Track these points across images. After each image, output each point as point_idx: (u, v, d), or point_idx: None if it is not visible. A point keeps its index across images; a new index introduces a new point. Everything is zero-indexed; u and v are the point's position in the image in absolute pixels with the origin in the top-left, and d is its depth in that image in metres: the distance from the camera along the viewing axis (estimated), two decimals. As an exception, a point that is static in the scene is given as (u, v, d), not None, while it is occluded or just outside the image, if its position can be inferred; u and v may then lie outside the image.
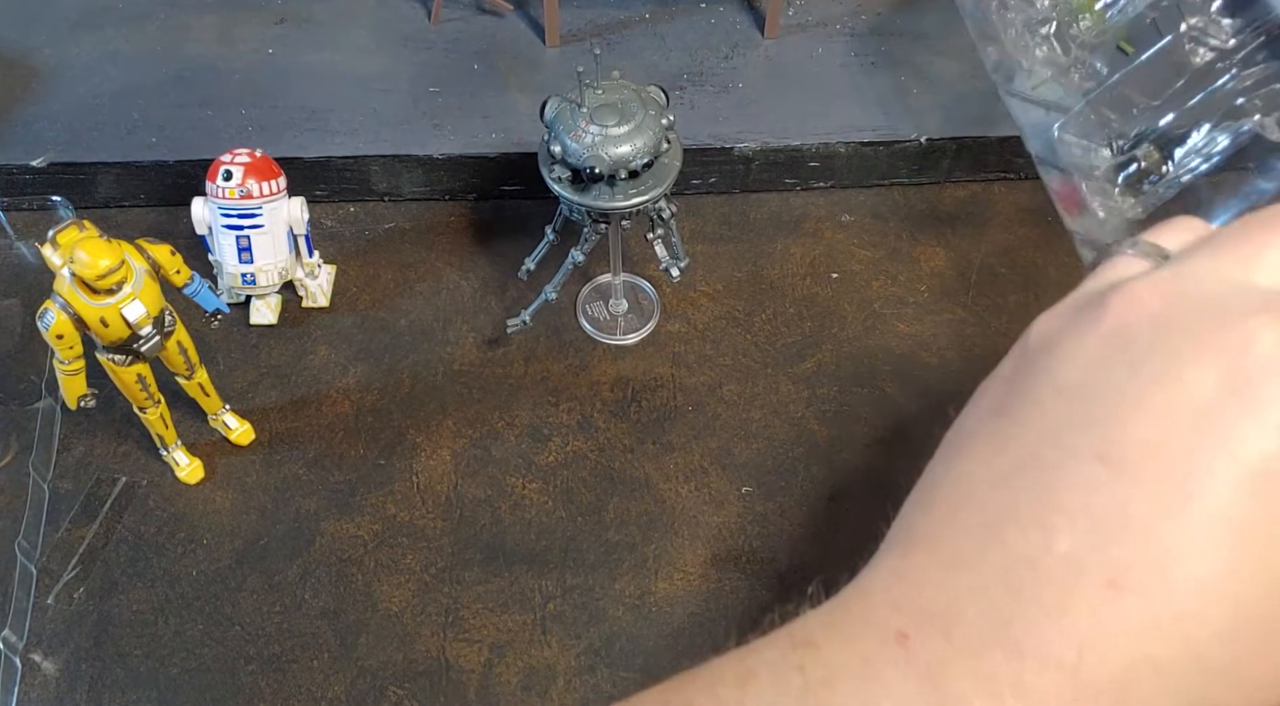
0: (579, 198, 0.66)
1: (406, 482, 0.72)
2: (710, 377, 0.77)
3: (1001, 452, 0.24)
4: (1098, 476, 0.22)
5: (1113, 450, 0.22)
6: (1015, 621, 0.21)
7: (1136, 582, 0.21)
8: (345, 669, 0.65)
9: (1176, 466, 0.21)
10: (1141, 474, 0.21)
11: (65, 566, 0.68)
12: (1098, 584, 0.21)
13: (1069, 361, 0.24)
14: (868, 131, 0.85)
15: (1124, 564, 0.21)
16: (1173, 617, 0.21)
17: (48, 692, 0.64)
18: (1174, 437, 0.21)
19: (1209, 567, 0.21)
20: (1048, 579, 0.21)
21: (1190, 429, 0.21)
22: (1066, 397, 0.23)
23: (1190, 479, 0.21)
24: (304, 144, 0.84)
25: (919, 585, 0.23)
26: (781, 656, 0.23)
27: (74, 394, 0.64)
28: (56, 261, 0.60)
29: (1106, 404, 0.23)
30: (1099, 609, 0.21)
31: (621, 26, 0.93)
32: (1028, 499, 0.22)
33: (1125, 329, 0.24)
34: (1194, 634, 0.21)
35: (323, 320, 0.80)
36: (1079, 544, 0.21)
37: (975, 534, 0.23)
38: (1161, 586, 0.21)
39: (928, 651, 0.21)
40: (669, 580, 0.68)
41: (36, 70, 0.89)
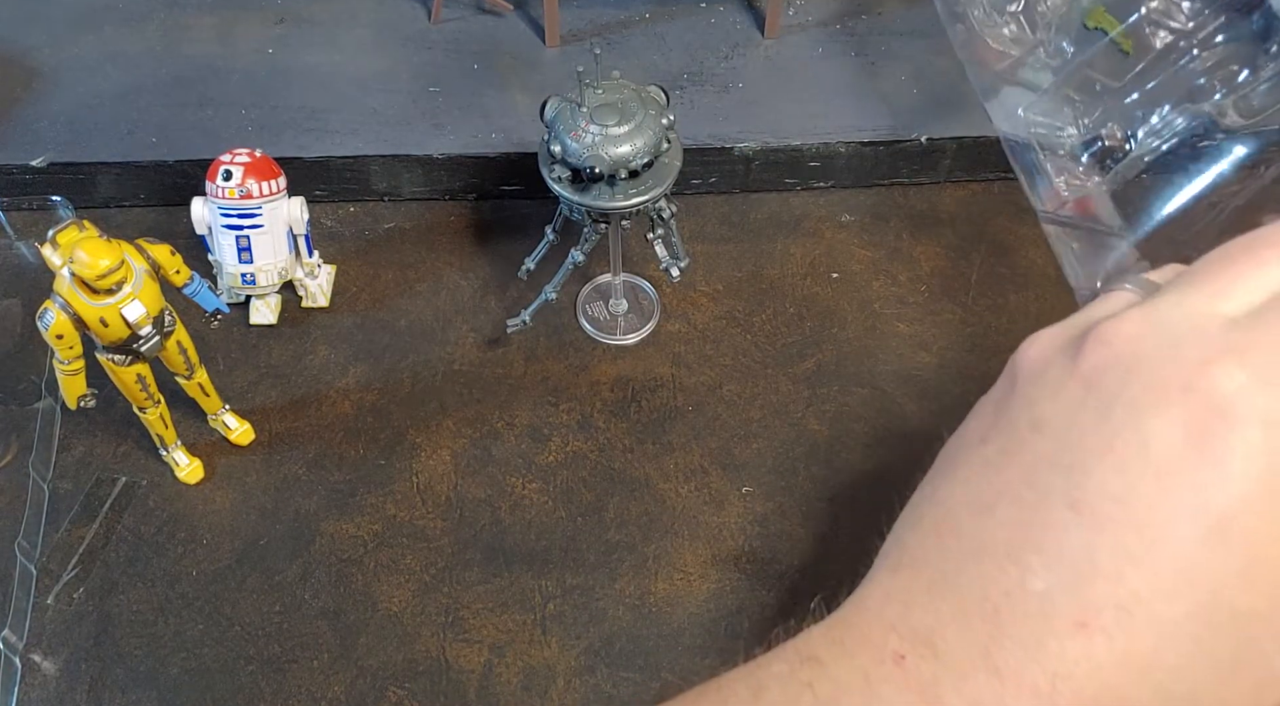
0: (579, 197, 0.66)
1: (406, 482, 0.72)
2: (710, 377, 0.77)
3: (983, 482, 0.25)
4: (1068, 521, 0.23)
5: (1082, 497, 0.23)
6: (994, 648, 0.23)
7: (1103, 624, 0.22)
8: (345, 669, 0.65)
9: (1140, 517, 0.23)
10: (1108, 523, 0.23)
11: (65, 566, 0.68)
12: (1068, 623, 0.22)
13: (1048, 399, 0.25)
14: (868, 131, 0.85)
15: (1093, 607, 0.22)
16: (1136, 656, 0.22)
17: (48, 692, 0.64)
18: (1138, 489, 0.23)
19: (1170, 611, 0.22)
20: (1024, 613, 0.23)
21: (1153, 480, 0.23)
22: (1044, 436, 0.25)
23: (1153, 529, 0.23)
24: (304, 144, 0.84)
25: (908, 606, 0.24)
26: (790, 672, 0.24)
27: (74, 394, 0.64)
28: (56, 261, 0.60)
29: (1077, 450, 0.24)
30: (1069, 646, 0.22)
31: (621, 26, 0.93)
32: (1005, 533, 0.24)
33: (1096, 372, 0.25)
34: (1156, 671, 0.22)
35: (323, 320, 0.80)
36: (1052, 584, 0.23)
37: (956, 559, 0.24)
38: (1126, 628, 0.22)
39: (920, 672, 0.23)
40: (669, 580, 0.68)
41: (36, 70, 0.89)
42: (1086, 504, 0.23)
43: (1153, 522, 0.23)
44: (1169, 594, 0.22)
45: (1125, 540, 0.23)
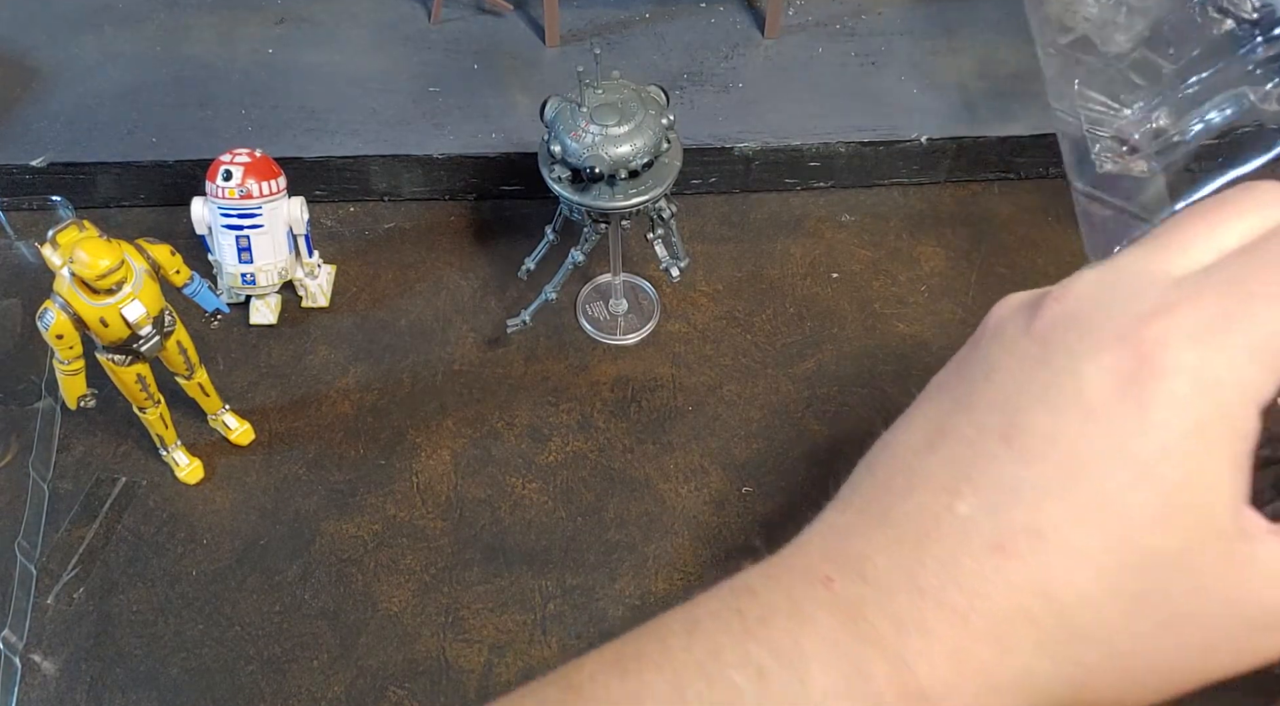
0: (579, 197, 0.66)
1: (406, 482, 0.72)
2: (710, 377, 0.77)
3: (933, 425, 0.27)
4: (999, 454, 0.25)
5: (1015, 433, 0.25)
6: (918, 569, 0.24)
7: (1018, 548, 0.24)
8: (345, 669, 0.65)
9: (1064, 453, 0.24)
10: (1035, 457, 0.24)
11: (65, 566, 0.68)
12: (986, 545, 0.24)
13: (1005, 350, 0.27)
14: (868, 131, 0.85)
15: (1009, 531, 0.24)
16: (1047, 582, 0.23)
17: (48, 692, 0.64)
18: (1066, 429, 0.24)
19: (1082, 542, 0.24)
20: (947, 535, 0.24)
21: (1080, 422, 0.24)
22: (993, 383, 0.26)
23: (1075, 466, 0.24)
24: (304, 144, 0.84)
25: (847, 537, 0.26)
26: (723, 604, 0.26)
27: (74, 394, 0.65)
28: (56, 261, 0.60)
29: (1019, 393, 0.25)
30: (985, 566, 0.24)
31: (621, 26, 0.93)
32: (942, 466, 0.26)
33: (1048, 327, 0.26)
34: (1063, 596, 0.23)
35: (323, 320, 0.80)
36: (975, 510, 0.24)
37: (898, 494, 0.26)
38: (1039, 553, 0.24)
39: (848, 592, 0.25)
40: (669, 580, 0.68)
41: (36, 70, 0.89)
42: (1018, 439, 0.25)
43: (1075, 460, 0.24)
44: (1082, 526, 0.24)
45: (1048, 473, 0.24)
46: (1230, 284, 0.25)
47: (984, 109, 0.87)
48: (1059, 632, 0.24)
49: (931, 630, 0.24)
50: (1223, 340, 0.24)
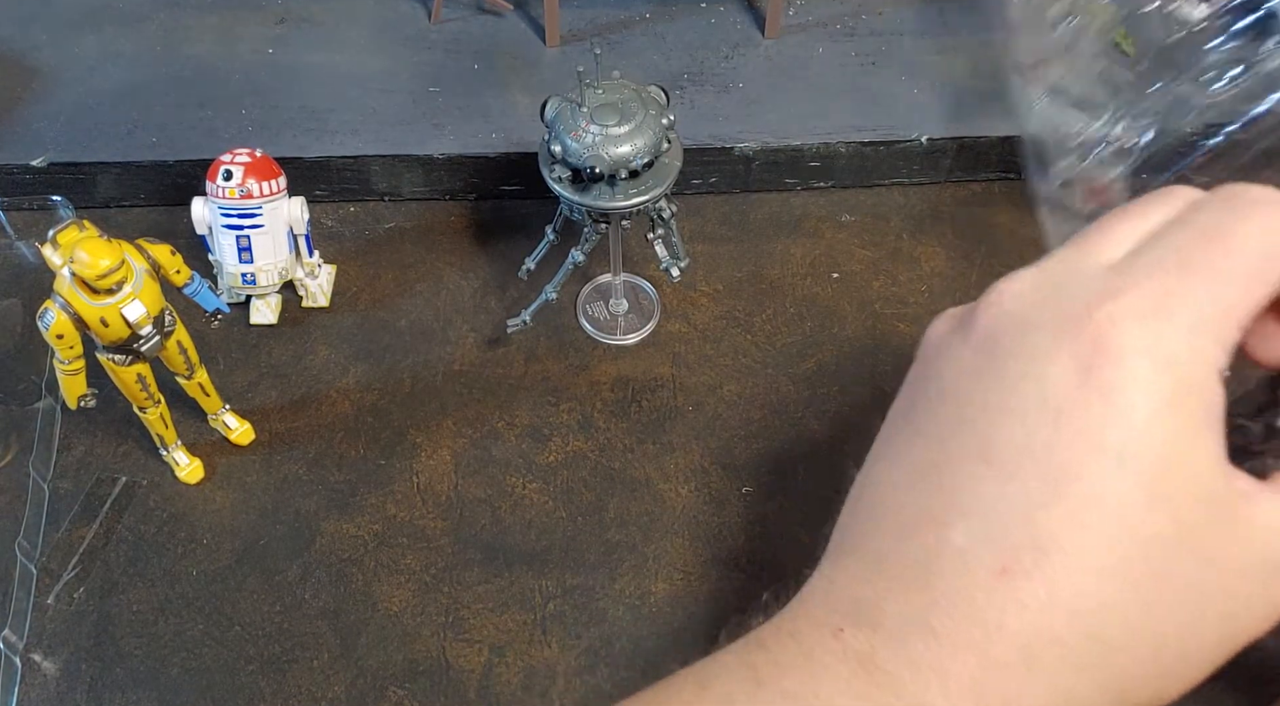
0: (579, 197, 0.66)
1: (406, 482, 0.72)
2: (710, 377, 0.77)
3: (906, 458, 0.26)
4: (981, 475, 0.24)
5: (990, 450, 0.24)
6: (928, 610, 0.24)
7: (1023, 568, 0.23)
8: (345, 669, 0.65)
9: (1043, 461, 0.24)
10: (1016, 470, 0.24)
11: (65, 566, 0.68)
12: (991, 572, 0.23)
13: (951, 368, 0.27)
14: (868, 131, 0.85)
15: (1010, 552, 0.23)
16: (1061, 596, 0.23)
17: (48, 692, 0.64)
18: (1038, 435, 0.24)
19: (1083, 546, 0.23)
20: (949, 570, 0.24)
21: (1052, 424, 0.24)
22: (950, 403, 0.26)
23: (1055, 470, 0.24)
24: (304, 144, 0.84)
25: (851, 585, 0.26)
26: (735, 658, 0.26)
27: (74, 394, 0.64)
28: (56, 261, 0.60)
29: (982, 408, 0.25)
30: (995, 593, 0.23)
31: (621, 26, 0.93)
32: (928, 500, 0.25)
33: (989, 333, 0.26)
34: (1080, 605, 0.23)
35: (323, 320, 0.80)
36: (971, 538, 0.24)
37: (890, 535, 0.26)
38: (1045, 569, 0.23)
39: (860, 642, 0.24)
40: (669, 580, 0.68)
41: (36, 70, 0.89)
42: (995, 456, 0.24)
43: (1055, 464, 0.24)
44: (1079, 529, 0.23)
45: (1032, 485, 0.24)
46: (1164, 261, 0.25)
47: (984, 109, 0.87)
48: (1085, 644, 0.23)
49: (948, 670, 0.23)
50: (1171, 316, 0.24)
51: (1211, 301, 0.24)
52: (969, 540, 0.24)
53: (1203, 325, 0.24)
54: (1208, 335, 0.24)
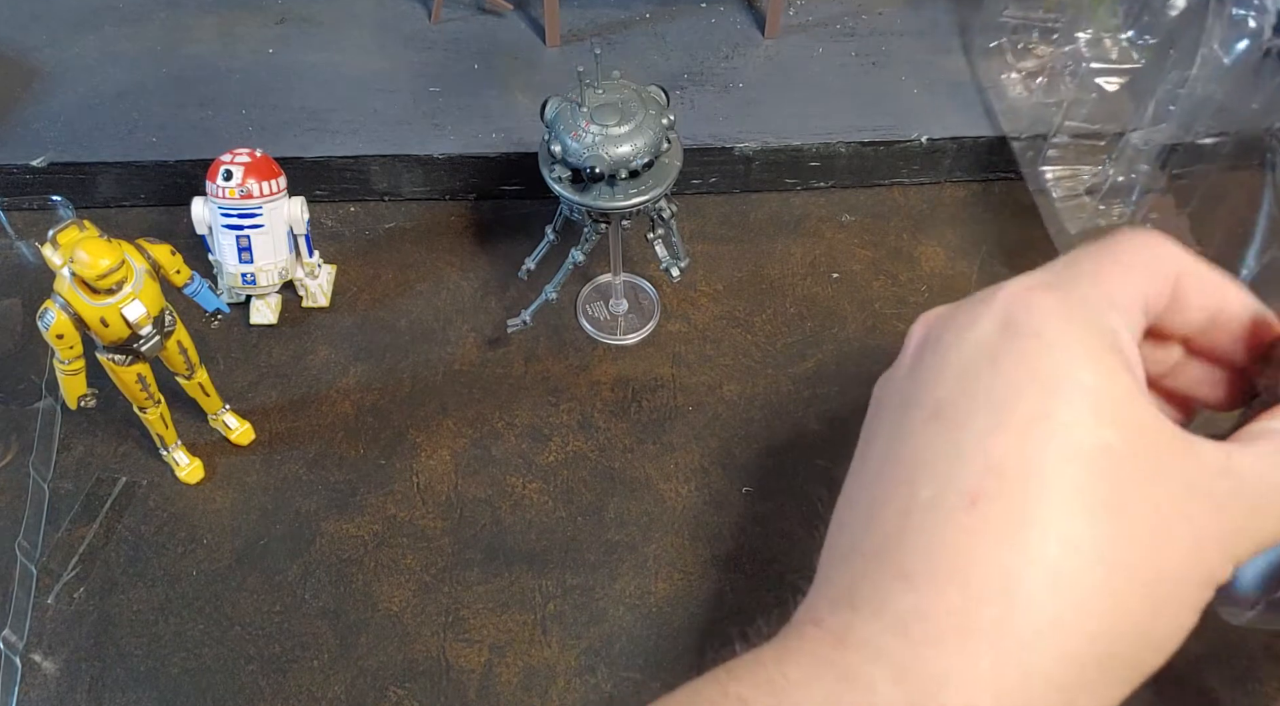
0: (579, 197, 0.66)
1: (406, 482, 0.72)
2: (710, 377, 0.77)
3: (869, 456, 0.27)
4: (935, 431, 0.25)
5: (940, 409, 0.25)
6: (904, 562, 0.24)
7: (988, 494, 0.24)
8: (345, 669, 0.65)
9: (987, 399, 0.25)
10: (966, 416, 0.25)
11: (65, 566, 0.68)
12: (960, 508, 0.24)
13: (885, 411, 0.28)
14: (868, 131, 0.85)
15: (975, 482, 0.24)
16: (1029, 513, 0.23)
17: (48, 692, 0.64)
18: (979, 381, 0.25)
19: (1039, 460, 0.24)
20: (921, 523, 0.24)
21: (989, 369, 0.25)
22: (900, 393, 0.27)
23: (999, 403, 0.25)
24: (304, 144, 0.84)
25: (825, 584, 0.26)
26: (711, 676, 0.25)
27: (74, 394, 0.64)
28: (56, 261, 0.60)
29: (928, 379, 0.26)
30: (965, 526, 0.23)
31: (621, 26, 0.93)
32: (892, 473, 0.26)
33: (911, 361, 0.28)
34: (1051, 520, 0.23)
35: (323, 320, 0.80)
36: (936, 486, 0.24)
37: (861, 521, 0.26)
38: (1008, 490, 0.24)
39: (837, 623, 0.24)
40: (669, 580, 0.68)
41: (36, 70, 0.89)
42: (944, 412, 0.25)
43: (997, 399, 0.25)
44: (1033, 447, 0.24)
45: (980, 423, 0.25)
46: (1066, 261, 0.27)
47: (984, 109, 0.87)
48: (1062, 559, 0.23)
49: (928, 612, 0.23)
50: (1073, 289, 0.26)
51: (1107, 284, 0.26)
52: (934, 489, 0.24)
53: (1102, 301, 0.26)
54: (1108, 308, 0.26)
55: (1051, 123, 0.79)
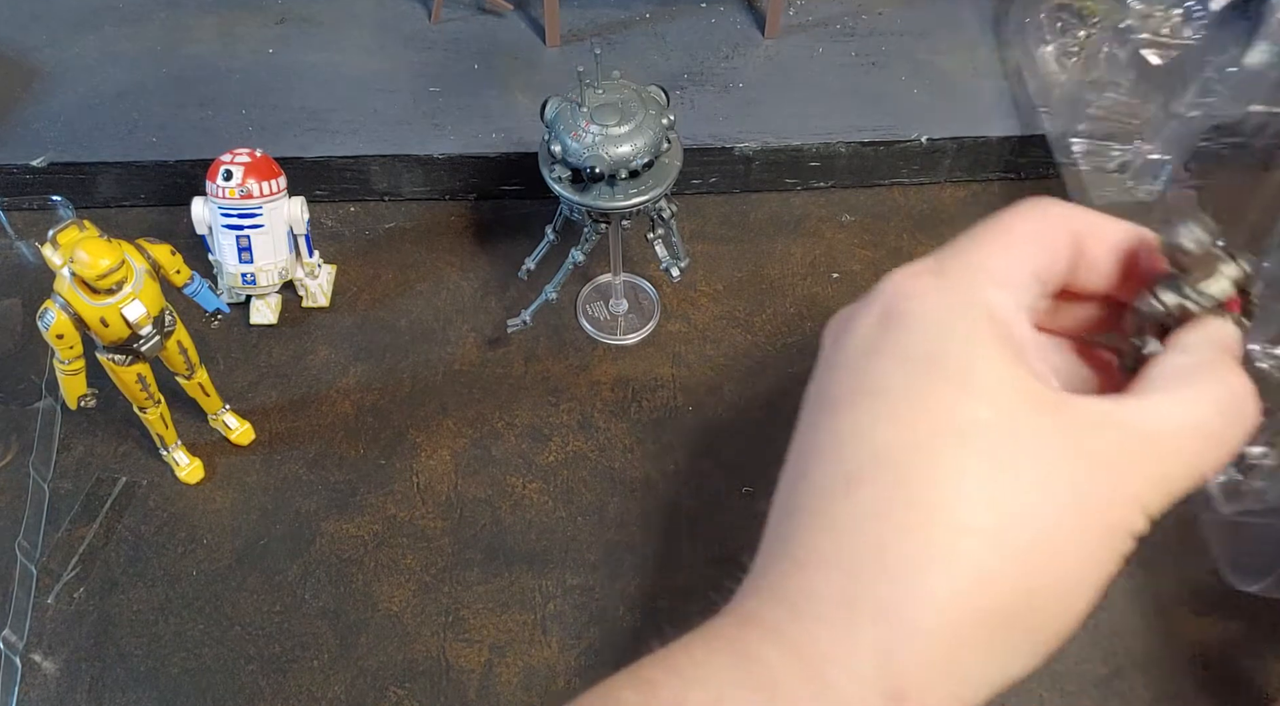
0: (579, 197, 0.66)
1: (406, 482, 0.72)
2: (710, 377, 0.77)
3: (778, 485, 0.29)
4: (821, 421, 0.27)
5: (824, 398, 0.27)
6: (791, 547, 0.26)
7: (864, 475, 0.25)
8: (345, 669, 0.65)
9: (863, 387, 0.26)
10: (848, 404, 0.26)
11: (65, 566, 0.68)
12: (841, 488, 0.25)
13: (801, 411, 0.29)
14: (868, 131, 0.85)
15: (853, 463, 0.25)
16: (904, 483, 0.24)
17: (48, 692, 0.64)
18: (858, 370, 0.27)
19: (908, 441, 0.25)
20: (807, 504, 0.26)
21: (864, 358, 0.27)
22: (794, 444, 0.29)
23: (871, 387, 0.26)
24: (304, 144, 0.84)
25: (734, 616, 0.27)
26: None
27: (74, 394, 0.64)
28: (56, 261, 0.60)
29: (820, 376, 0.28)
30: (844, 504, 0.25)
31: (621, 26, 0.93)
32: (791, 471, 0.28)
33: (824, 352, 0.29)
34: (923, 483, 0.24)
35: (323, 320, 0.80)
36: (823, 468, 0.26)
37: (771, 524, 0.28)
38: (880, 470, 0.25)
39: (742, 608, 0.26)
40: (669, 580, 0.68)
41: (36, 70, 0.89)
42: (828, 401, 0.27)
43: (868, 387, 0.26)
44: (903, 429, 0.25)
45: (860, 407, 0.26)
46: (952, 242, 0.29)
47: (984, 109, 0.87)
48: (971, 615, 0.23)
49: (816, 590, 0.24)
50: (945, 269, 0.28)
51: (988, 259, 0.28)
52: (819, 475, 0.26)
53: (979, 276, 0.27)
54: (985, 284, 0.27)
55: (1083, 99, 0.78)
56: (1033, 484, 0.24)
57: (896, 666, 0.23)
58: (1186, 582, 0.67)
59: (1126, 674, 0.64)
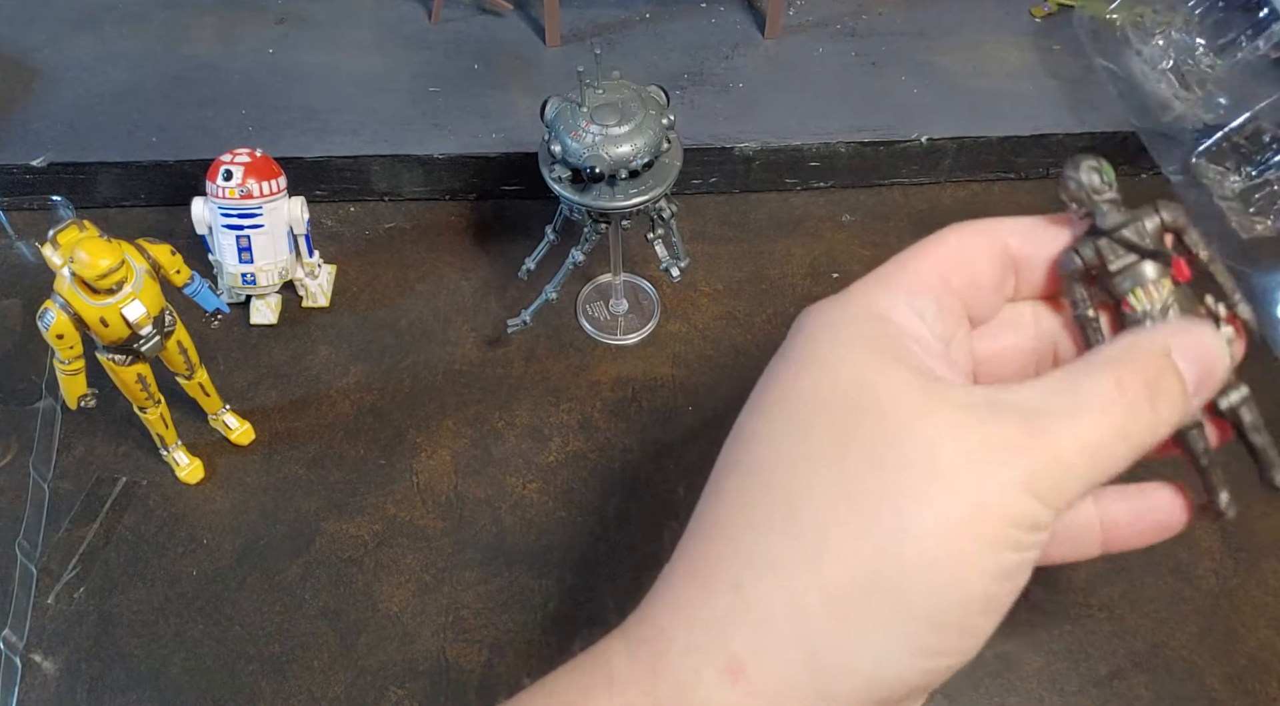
0: (579, 197, 0.66)
1: (406, 482, 0.72)
2: (710, 377, 0.77)
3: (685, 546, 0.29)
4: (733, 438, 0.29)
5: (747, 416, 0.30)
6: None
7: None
8: (345, 669, 0.65)
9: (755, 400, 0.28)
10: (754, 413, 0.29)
11: (65, 566, 0.68)
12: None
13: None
14: (868, 131, 0.85)
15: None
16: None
17: (48, 692, 0.64)
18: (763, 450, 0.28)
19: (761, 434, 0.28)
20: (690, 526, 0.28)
21: (766, 376, 0.30)
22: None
23: (758, 401, 0.28)
24: (304, 144, 0.84)
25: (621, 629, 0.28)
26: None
27: (74, 394, 0.64)
28: (56, 261, 0.60)
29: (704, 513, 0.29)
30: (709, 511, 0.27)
31: (621, 26, 0.93)
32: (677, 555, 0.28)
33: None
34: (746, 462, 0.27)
35: (323, 320, 0.80)
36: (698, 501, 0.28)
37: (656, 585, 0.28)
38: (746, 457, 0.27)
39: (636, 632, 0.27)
40: (669, 580, 0.68)
41: (36, 70, 0.89)
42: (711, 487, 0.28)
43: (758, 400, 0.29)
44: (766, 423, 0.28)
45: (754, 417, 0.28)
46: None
47: (984, 109, 0.87)
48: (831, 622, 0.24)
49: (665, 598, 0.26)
50: (858, 288, 0.30)
51: (895, 275, 0.29)
52: (708, 483, 0.28)
53: (877, 291, 0.29)
54: (884, 297, 0.29)
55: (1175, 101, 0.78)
56: (896, 490, 0.24)
57: (735, 639, 0.24)
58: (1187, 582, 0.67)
59: (1126, 674, 0.64)
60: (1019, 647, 0.64)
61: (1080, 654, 0.64)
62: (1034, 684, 0.63)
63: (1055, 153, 0.86)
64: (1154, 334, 0.27)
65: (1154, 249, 0.28)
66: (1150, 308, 0.28)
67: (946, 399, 0.25)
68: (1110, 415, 0.25)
